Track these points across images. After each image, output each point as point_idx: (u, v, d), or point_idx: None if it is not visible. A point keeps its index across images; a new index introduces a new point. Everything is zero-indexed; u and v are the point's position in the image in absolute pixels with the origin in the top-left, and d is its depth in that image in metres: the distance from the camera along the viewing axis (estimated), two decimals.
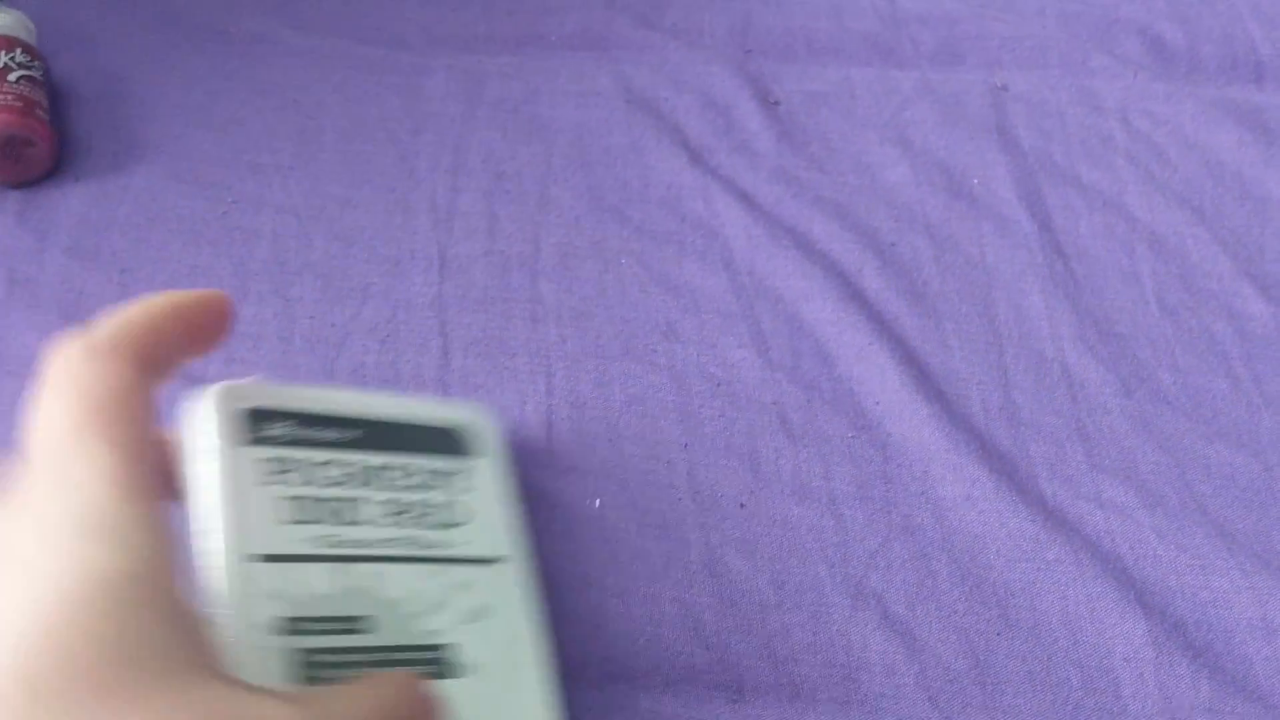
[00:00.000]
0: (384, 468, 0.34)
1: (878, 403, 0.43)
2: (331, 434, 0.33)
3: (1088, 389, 0.43)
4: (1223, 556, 0.39)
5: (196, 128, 0.51)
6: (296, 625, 0.28)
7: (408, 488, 0.34)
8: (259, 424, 0.31)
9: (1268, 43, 0.54)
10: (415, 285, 0.46)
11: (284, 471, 0.31)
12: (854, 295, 0.45)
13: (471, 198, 0.49)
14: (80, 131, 0.51)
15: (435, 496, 0.34)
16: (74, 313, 0.45)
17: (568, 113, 0.51)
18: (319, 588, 0.30)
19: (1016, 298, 0.46)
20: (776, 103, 0.52)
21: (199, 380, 0.32)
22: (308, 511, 0.31)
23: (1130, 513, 0.40)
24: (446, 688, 0.30)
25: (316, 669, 0.28)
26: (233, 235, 0.47)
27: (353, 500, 0.32)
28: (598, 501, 0.40)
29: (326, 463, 0.32)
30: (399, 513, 0.33)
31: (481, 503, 0.36)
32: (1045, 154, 0.50)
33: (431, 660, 0.31)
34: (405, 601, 0.31)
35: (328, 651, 0.29)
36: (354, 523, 0.32)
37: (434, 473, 0.35)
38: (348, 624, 0.30)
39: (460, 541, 0.34)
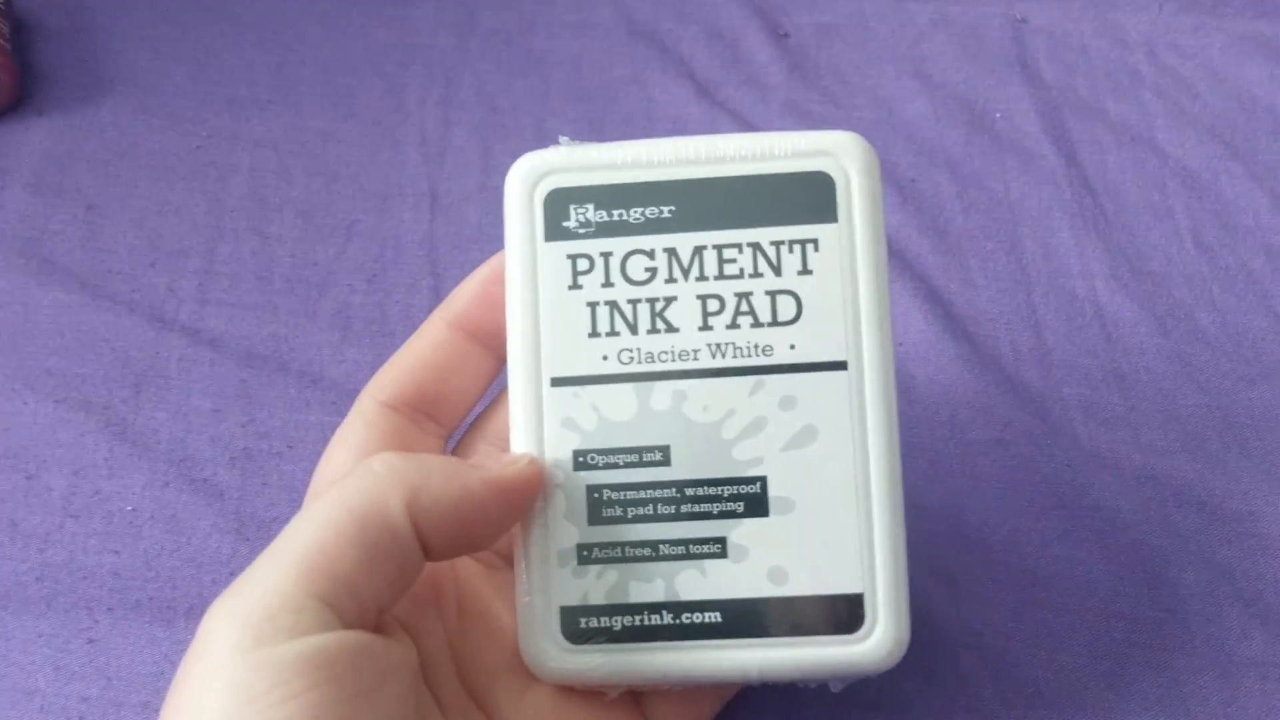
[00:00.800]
0: (703, 249, 0.28)
1: (901, 344, 0.40)
2: (641, 211, 0.28)
3: (1122, 329, 0.41)
4: (1270, 501, 0.37)
5: (168, 60, 0.48)
6: (584, 458, 0.26)
7: (731, 275, 0.28)
8: (557, 211, 0.28)
9: None
10: (404, 222, 0.43)
11: (584, 272, 0.27)
12: None
13: (464, 132, 0.46)
14: (45, 64, 0.48)
15: (763, 284, 0.28)
16: (35, 250, 0.42)
17: (565, 44, 0.48)
18: (613, 414, 0.27)
19: (1044, 235, 0.43)
20: (786, 35, 0.49)
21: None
22: (604, 321, 0.27)
23: (1171, 456, 0.38)
24: (754, 528, 0.27)
25: (603, 507, 0.26)
26: (206, 171, 0.44)
27: (660, 301, 0.27)
28: None
29: (632, 253, 0.28)
30: (716, 312, 0.28)
31: (823, 288, 0.28)
32: (1069, 88, 0.48)
33: (739, 496, 0.27)
34: (715, 426, 0.27)
35: (618, 488, 0.27)
36: (660, 330, 0.27)
37: (769, 248, 0.28)
38: (643, 455, 0.27)
39: (789, 343, 0.28)
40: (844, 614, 0.27)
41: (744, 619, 0.27)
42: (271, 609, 0.22)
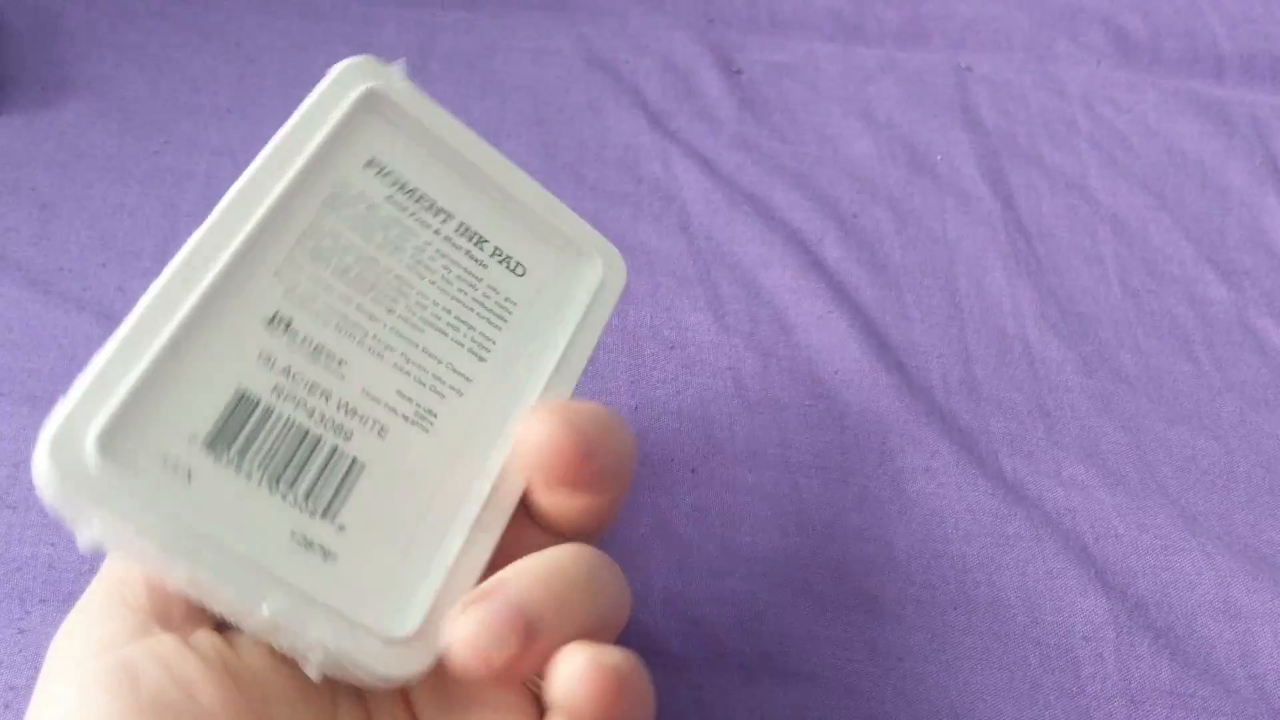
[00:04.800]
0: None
1: (836, 372, 0.41)
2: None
3: (1049, 366, 0.42)
4: (1184, 537, 0.38)
5: (131, 67, 0.48)
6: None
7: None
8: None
9: (1229, 39, 0.53)
10: None
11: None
12: (814, 264, 0.44)
13: None
14: (7, 66, 0.48)
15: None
16: None
17: (524, 70, 0.49)
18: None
19: (978, 273, 0.45)
20: (739, 71, 0.50)
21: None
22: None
23: (1091, 491, 0.39)
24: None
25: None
26: (163, 176, 0.45)
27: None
28: None
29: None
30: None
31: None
32: (1009, 134, 0.49)
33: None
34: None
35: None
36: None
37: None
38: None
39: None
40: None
41: None
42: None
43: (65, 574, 0.35)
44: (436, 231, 0.28)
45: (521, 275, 0.30)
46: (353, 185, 0.27)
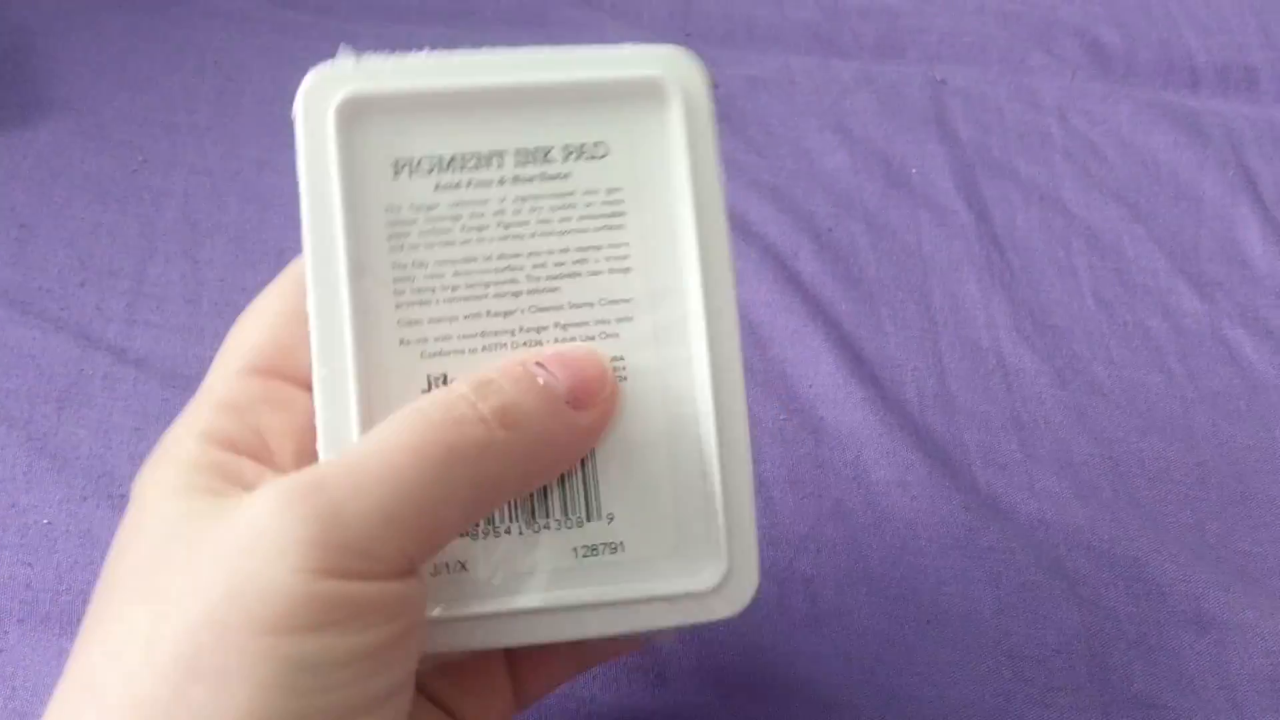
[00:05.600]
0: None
1: (811, 386, 0.41)
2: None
3: (1023, 379, 0.43)
4: (1157, 549, 0.39)
5: (109, 85, 0.48)
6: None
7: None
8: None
9: (1203, 51, 0.54)
10: None
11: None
12: (789, 278, 0.44)
13: None
14: None
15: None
16: None
17: None
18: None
19: (952, 286, 0.45)
20: (716, 85, 0.51)
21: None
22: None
23: (1064, 503, 0.40)
24: None
25: None
26: (141, 194, 0.45)
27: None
28: None
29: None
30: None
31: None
32: (983, 147, 0.50)
33: None
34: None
35: None
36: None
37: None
38: None
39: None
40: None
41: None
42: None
43: (43, 593, 0.35)
44: (501, 180, 0.25)
45: (604, 155, 0.25)
46: (400, 203, 0.25)
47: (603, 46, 0.26)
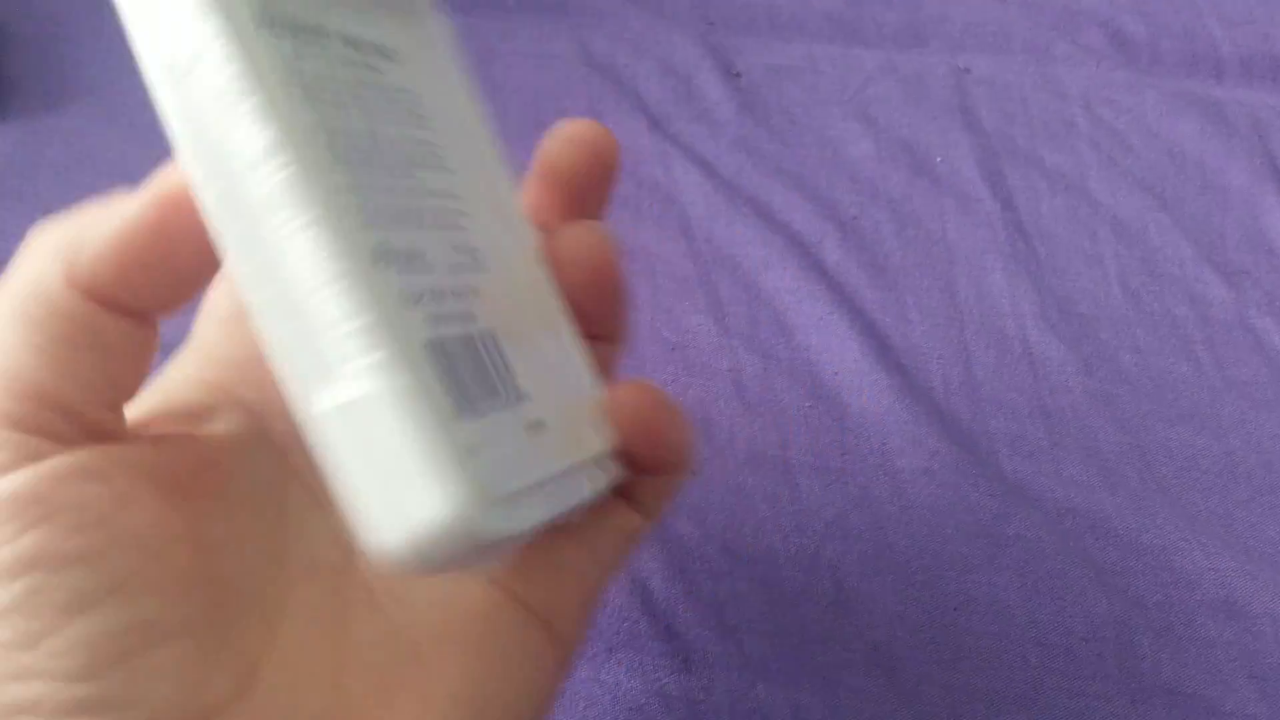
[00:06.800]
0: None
1: (836, 373, 0.41)
2: None
3: (1049, 367, 0.42)
4: (1185, 537, 0.38)
5: (135, 73, 0.48)
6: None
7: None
8: None
9: (1227, 41, 0.53)
10: None
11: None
12: (814, 265, 0.44)
13: None
14: (11, 72, 0.48)
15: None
16: None
17: (524, 75, 0.50)
18: None
19: (978, 275, 0.45)
20: (738, 75, 0.51)
21: None
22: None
23: (1091, 491, 0.39)
24: None
25: None
26: None
27: None
28: None
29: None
30: None
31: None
32: (1008, 136, 0.49)
33: None
34: None
35: None
36: None
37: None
38: None
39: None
40: None
41: None
42: None
43: None
44: (344, 61, 0.23)
45: (399, 61, 0.25)
46: (300, 45, 0.22)
47: None
